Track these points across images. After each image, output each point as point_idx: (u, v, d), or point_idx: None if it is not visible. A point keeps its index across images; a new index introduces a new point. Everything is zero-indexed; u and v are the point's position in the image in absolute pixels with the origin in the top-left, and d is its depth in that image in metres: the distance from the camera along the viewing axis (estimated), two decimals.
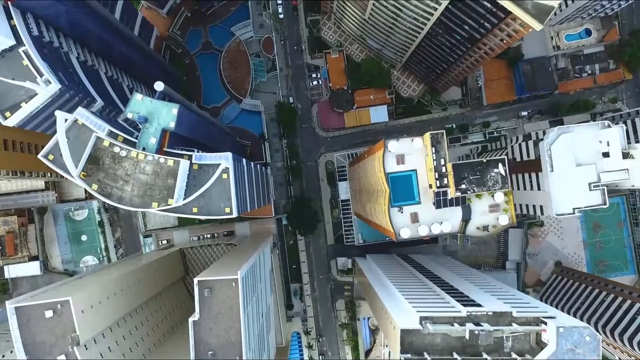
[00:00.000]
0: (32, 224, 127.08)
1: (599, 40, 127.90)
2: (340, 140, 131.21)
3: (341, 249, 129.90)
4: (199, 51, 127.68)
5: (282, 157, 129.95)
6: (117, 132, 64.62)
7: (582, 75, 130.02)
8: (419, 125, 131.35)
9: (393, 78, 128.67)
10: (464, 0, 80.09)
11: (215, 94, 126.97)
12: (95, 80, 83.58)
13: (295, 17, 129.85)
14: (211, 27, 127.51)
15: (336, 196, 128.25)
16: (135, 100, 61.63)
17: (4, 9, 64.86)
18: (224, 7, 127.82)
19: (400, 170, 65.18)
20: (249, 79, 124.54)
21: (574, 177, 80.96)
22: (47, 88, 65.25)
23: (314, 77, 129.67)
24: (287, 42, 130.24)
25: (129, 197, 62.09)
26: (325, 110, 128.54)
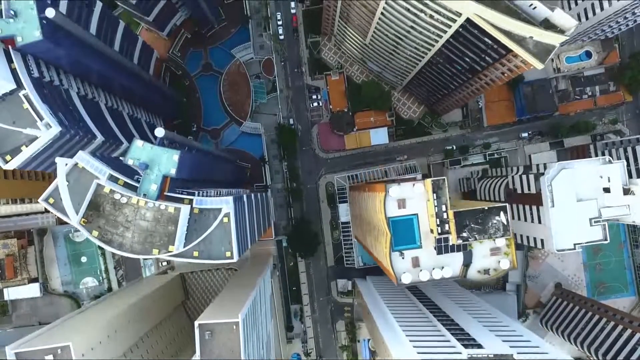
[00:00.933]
0: (32, 246, 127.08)
1: (600, 63, 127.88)
2: (341, 162, 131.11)
3: (341, 271, 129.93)
4: (199, 73, 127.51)
5: (283, 179, 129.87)
6: (117, 176, 64.46)
7: (583, 97, 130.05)
8: (419, 146, 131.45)
9: (393, 99, 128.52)
10: (464, 35, 79.87)
11: (216, 116, 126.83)
12: (96, 113, 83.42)
13: (295, 39, 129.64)
14: (211, 49, 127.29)
15: (336, 218, 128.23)
16: (136, 147, 61.50)
17: (5, 52, 64.67)
18: (224, 29, 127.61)
19: (402, 215, 65.08)
20: (249, 102, 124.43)
21: (574, 212, 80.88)
22: (48, 132, 65.09)
23: (314, 98, 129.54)
24: (288, 63, 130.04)
25: (130, 244, 61.98)
26: (326, 132, 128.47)
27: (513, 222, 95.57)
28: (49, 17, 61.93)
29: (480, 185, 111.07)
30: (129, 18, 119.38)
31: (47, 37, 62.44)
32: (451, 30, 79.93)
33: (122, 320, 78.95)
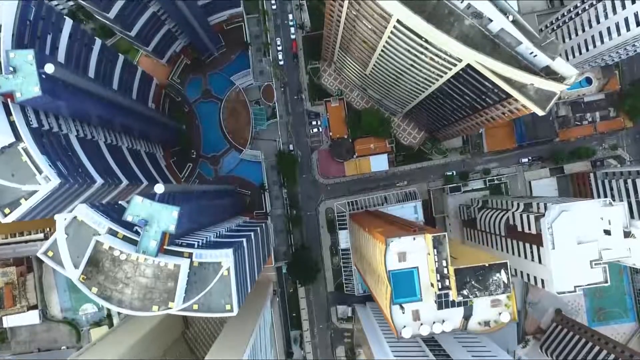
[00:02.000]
0: (31, 273, 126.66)
1: (600, 89, 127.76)
2: (341, 188, 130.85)
3: (341, 297, 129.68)
4: (199, 99, 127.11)
5: (282, 205, 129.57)
6: (116, 229, 64.25)
7: (583, 122, 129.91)
8: (419, 171, 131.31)
9: (393, 125, 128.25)
10: (465, 77, 79.62)
11: (215, 143, 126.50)
12: (95, 154, 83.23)
13: (295, 64, 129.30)
14: (211, 75, 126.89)
15: (336, 244, 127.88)
16: (135, 203, 61.19)
17: (3, 105, 64.37)
18: (223, 55, 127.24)
19: (402, 268, 64.87)
20: (248, 129, 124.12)
21: (575, 254, 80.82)
22: (47, 185, 64.78)
23: (314, 124, 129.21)
24: (288, 89, 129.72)
25: (129, 300, 61.75)
26: (326, 159, 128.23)
27: (513, 257, 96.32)
28: (48, 73, 61.55)
29: (481, 216, 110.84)
30: (128, 45, 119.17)
31: (47, 92, 62.08)
32: (452, 72, 79.73)
33: None
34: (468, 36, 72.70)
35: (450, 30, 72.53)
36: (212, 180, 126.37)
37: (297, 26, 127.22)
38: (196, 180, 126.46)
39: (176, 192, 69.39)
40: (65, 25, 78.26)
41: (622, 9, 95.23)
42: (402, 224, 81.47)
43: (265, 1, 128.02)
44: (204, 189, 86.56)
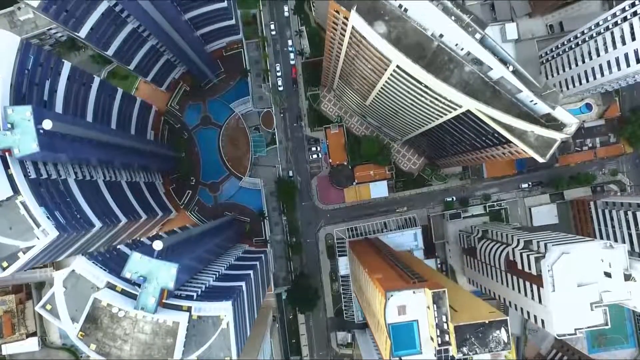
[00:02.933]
0: (30, 300, 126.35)
1: (600, 116, 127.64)
2: (340, 214, 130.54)
3: (341, 322, 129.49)
4: (198, 126, 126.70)
5: (282, 231, 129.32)
6: (115, 283, 64.06)
7: (583, 148, 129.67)
8: (419, 197, 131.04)
9: (393, 151, 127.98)
10: (465, 119, 79.36)
11: (215, 170, 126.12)
12: (94, 195, 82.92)
13: (294, 90, 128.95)
14: (210, 102, 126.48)
15: (336, 270, 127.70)
16: (134, 260, 60.93)
17: (1, 159, 64.03)
18: (223, 82, 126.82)
19: (402, 321, 64.63)
20: (248, 157, 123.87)
21: (575, 297, 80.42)
22: (45, 238, 64.48)
23: (314, 150, 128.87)
24: (287, 115, 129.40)
25: (128, 357, 61.48)
26: (325, 186, 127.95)
27: (513, 292, 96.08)
28: (46, 129, 61.24)
29: (481, 246, 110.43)
30: (127, 72, 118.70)
31: (45, 148, 61.78)
32: (452, 114, 79.47)
33: None
34: (468, 82, 72.48)
35: (450, 77, 72.32)
36: (211, 208, 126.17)
37: (296, 52, 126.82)
38: (195, 207, 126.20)
39: (176, 242, 69.06)
40: (64, 69, 77.96)
41: (622, 44, 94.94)
42: (402, 266, 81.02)
43: (265, 27, 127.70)
44: (203, 229, 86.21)
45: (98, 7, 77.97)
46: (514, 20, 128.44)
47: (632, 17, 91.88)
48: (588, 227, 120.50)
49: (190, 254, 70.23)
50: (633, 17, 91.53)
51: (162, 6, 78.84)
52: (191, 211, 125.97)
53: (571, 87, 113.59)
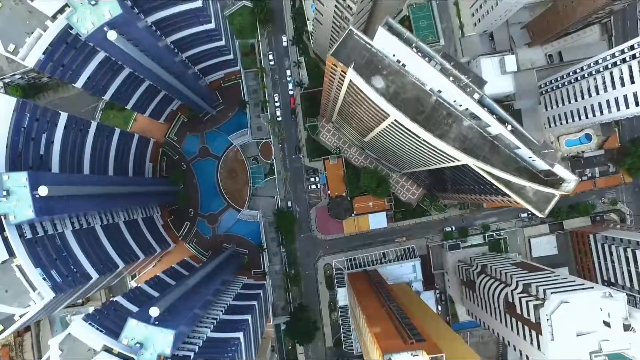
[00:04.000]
0: (28, 332, 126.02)
1: (599, 146, 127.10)
2: (339, 244, 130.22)
3: (340, 352, 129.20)
4: (196, 157, 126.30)
5: (281, 261, 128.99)
6: (111, 346, 63.66)
7: (582, 178, 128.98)
8: (418, 227, 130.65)
9: (392, 182, 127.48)
10: (464, 170, 78.94)
11: (213, 201, 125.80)
12: (91, 243, 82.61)
13: (293, 120, 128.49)
14: (208, 133, 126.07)
15: (335, 300, 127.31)
16: (130, 327, 60.60)
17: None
18: (221, 113, 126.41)
19: None
20: (246, 189, 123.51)
21: (574, 346, 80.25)
22: (41, 302, 64.14)
23: (313, 181, 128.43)
24: (286, 145, 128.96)
25: None
26: (324, 217, 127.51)
27: (512, 334, 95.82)
28: (41, 195, 60.86)
29: (480, 282, 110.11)
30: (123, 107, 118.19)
31: (41, 213, 61.44)
32: (450, 164, 79.01)
33: None
34: (467, 137, 72.10)
35: (449, 131, 71.94)
36: (209, 239, 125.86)
37: (294, 83, 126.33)
38: (194, 239, 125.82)
39: (172, 305, 68.59)
40: (60, 120, 77.62)
41: (621, 85, 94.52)
42: (400, 316, 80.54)
43: (263, 57, 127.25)
44: (201, 276, 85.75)
45: (94, 58, 77.40)
46: (513, 49, 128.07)
47: (630, 60, 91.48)
48: (588, 260, 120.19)
49: (187, 311, 69.86)
50: (632, 60, 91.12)
51: (157, 55, 78.23)
52: (189, 243, 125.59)
53: (570, 121, 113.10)
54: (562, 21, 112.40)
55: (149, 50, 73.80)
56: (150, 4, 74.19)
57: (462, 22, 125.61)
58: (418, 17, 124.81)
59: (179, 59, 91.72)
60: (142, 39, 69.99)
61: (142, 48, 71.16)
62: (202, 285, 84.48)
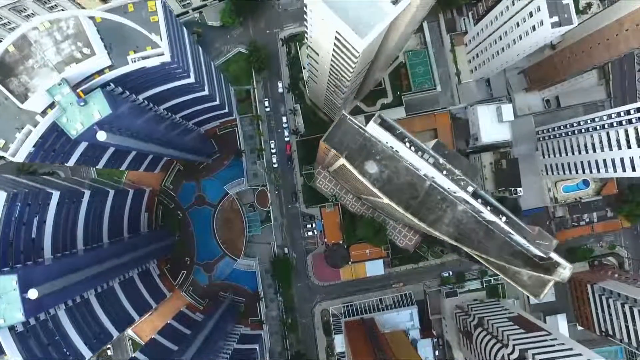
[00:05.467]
0: None
1: (597, 192, 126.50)
2: (336, 289, 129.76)
3: None
4: (193, 205, 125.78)
5: (277, 307, 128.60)
6: None
7: (580, 223, 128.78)
8: (415, 272, 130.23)
9: (389, 228, 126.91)
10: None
11: (210, 249, 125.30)
12: (85, 318, 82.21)
13: (289, 167, 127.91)
14: (204, 181, 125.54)
15: (332, 346, 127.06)
16: None
17: None
18: (217, 161, 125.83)
19: None
20: (242, 239, 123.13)
21: None
22: None
23: (309, 227, 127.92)
24: (282, 191, 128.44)
25: None
26: (321, 264, 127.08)
27: None
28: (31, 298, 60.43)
29: (477, 335, 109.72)
30: None
31: (31, 313, 61.04)
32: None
33: None
34: (461, 221, 71.56)
35: (443, 216, 71.42)
36: (206, 287, 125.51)
37: (291, 131, 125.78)
38: (190, 287, 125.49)
39: None
40: (52, 199, 77.16)
41: (617, 148, 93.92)
42: None
43: (259, 103, 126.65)
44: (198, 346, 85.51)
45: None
46: (510, 94, 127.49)
47: (627, 124, 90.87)
48: (586, 308, 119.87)
49: None
50: (628, 125, 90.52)
51: (149, 134, 77.73)
52: (186, 291, 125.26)
53: (567, 173, 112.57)
54: (559, 73, 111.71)
55: (140, 133, 73.28)
56: (143, 85, 73.65)
57: (458, 69, 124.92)
58: (415, 64, 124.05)
59: (172, 128, 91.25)
60: (133, 127, 69.44)
61: (133, 133, 70.61)
62: (200, 351, 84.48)
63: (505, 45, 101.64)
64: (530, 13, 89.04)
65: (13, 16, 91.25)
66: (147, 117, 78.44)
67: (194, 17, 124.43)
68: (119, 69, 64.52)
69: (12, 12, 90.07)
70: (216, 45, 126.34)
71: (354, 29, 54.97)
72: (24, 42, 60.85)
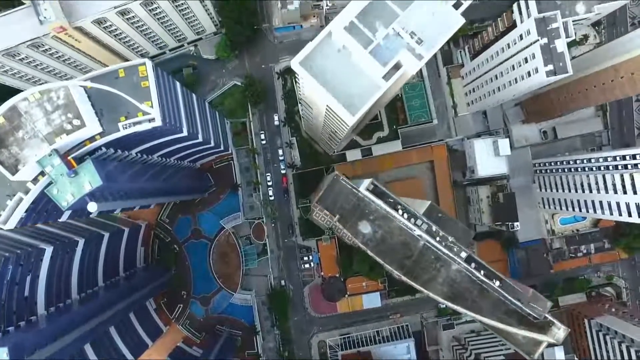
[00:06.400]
0: None
1: (594, 224, 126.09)
2: (333, 321, 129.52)
3: None
4: (189, 239, 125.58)
5: (274, 339, 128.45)
6: None
7: (578, 255, 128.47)
8: (412, 304, 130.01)
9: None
10: None
11: (206, 283, 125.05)
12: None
13: (286, 199, 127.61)
14: (200, 215, 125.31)
15: None
16: None
17: None
18: (213, 194, 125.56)
19: None
20: (239, 273, 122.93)
21: None
22: None
23: (306, 259, 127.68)
24: (278, 223, 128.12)
25: None
26: (317, 296, 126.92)
27: None
28: None
29: None
30: None
31: None
32: None
33: None
34: (455, 280, 71.38)
35: (437, 275, 71.27)
36: (202, 321, 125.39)
37: (287, 165, 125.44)
38: (187, 321, 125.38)
39: None
40: (45, 255, 76.96)
41: (613, 192, 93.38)
42: None
43: (255, 136, 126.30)
44: None
45: None
46: (507, 125, 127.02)
47: (622, 169, 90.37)
48: (583, 342, 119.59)
49: None
50: (624, 170, 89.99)
51: (142, 190, 77.53)
52: (182, 325, 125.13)
53: (564, 209, 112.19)
54: (556, 109, 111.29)
55: (133, 191, 73.06)
56: (135, 143, 73.38)
57: (455, 102, 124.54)
58: (411, 97, 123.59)
59: (167, 173, 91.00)
60: (125, 187, 69.20)
61: (125, 194, 70.39)
62: None
63: (501, 85, 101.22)
64: (525, 59, 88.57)
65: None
66: (140, 171, 78.20)
67: (189, 50, 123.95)
68: (110, 135, 64.17)
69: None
70: (212, 77, 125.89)
71: (345, 104, 54.60)
72: (13, 113, 60.58)
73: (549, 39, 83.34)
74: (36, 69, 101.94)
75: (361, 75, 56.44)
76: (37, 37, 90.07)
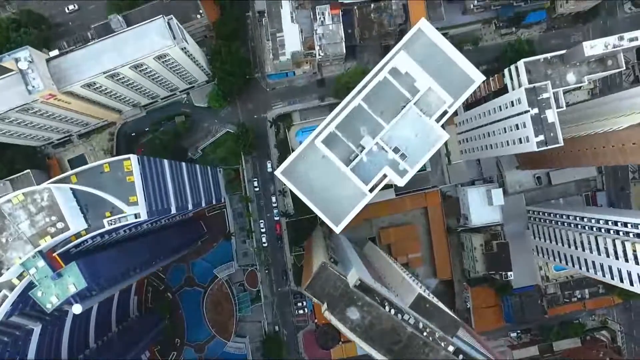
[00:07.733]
0: None
1: None
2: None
3: None
4: (182, 287, 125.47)
5: None
6: None
7: (572, 299, 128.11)
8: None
9: None
10: None
11: (199, 331, 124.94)
12: None
13: (279, 246, 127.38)
14: (193, 263, 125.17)
15: None
16: None
17: None
18: (206, 242, 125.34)
19: None
20: (232, 321, 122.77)
21: None
22: None
23: (300, 305, 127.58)
24: (272, 270, 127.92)
25: None
26: (311, 343, 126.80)
27: None
28: None
29: None
30: None
31: None
32: None
33: None
34: None
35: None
36: None
37: (280, 213, 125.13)
38: None
39: None
40: (33, 335, 76.70)
41: (605, 255, 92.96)
42: None
43: (248, 184, 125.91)
44: None
45: None
46: (501, 172, 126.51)
47: (614, 234, 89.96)
48: None
49: None
50: (615, 235, 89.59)
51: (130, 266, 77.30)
52: None
53: (558, 262, 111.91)
54: (549, 163, 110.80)
55: (121, 274, 72.82)
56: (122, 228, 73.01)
57: (448, 150, 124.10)
58: None
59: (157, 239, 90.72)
60: (112, 274, 68.98)
61: (112, 280, 70.17)
62: None
63: (494, 144, 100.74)
64: (517, 125, 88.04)
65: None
66: (128, 247, 77.84)
67: (181, 98, 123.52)
68: (95, 231, 63.87)
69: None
70: (204, 124, 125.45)
71: (330, 215, 54.29)
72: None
73: (539, 109, 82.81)
74: (27, 127, 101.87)
75: (347, 181, 56.11)
76: (26, 103, 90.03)
